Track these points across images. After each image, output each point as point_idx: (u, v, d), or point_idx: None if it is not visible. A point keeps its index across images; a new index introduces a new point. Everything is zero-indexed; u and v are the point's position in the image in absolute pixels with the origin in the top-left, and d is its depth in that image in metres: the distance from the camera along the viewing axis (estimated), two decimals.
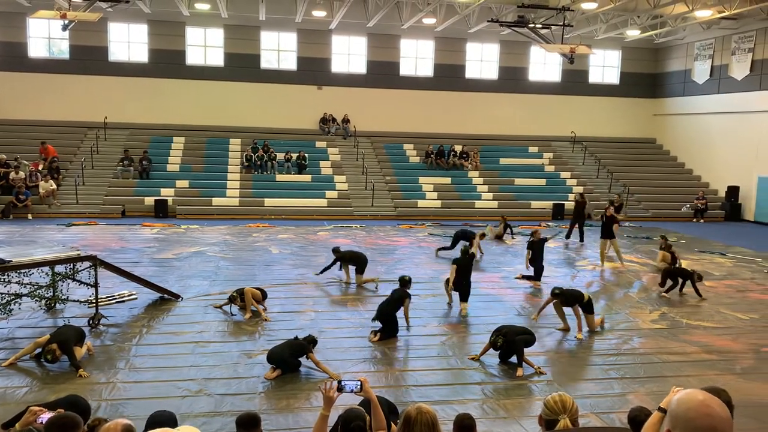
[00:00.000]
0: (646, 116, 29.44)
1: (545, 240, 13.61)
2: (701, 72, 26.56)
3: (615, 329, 10.14)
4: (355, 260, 12.62)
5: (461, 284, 10.82)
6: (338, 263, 12.65)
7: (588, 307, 9.72)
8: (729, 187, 24.57)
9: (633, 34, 25.63)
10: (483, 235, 15.95)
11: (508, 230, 18.71)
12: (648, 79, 29.30)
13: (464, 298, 10.81)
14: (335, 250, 12.81)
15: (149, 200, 21.45)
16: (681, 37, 26.95)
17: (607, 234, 15.03)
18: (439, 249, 15.86)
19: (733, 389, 3.34)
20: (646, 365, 8.57)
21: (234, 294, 10.32)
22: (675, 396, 2.15)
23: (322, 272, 12.63)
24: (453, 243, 15.50)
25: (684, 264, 15.31)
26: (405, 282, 9.96)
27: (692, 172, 27.36)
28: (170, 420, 4.47)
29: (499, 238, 18.39)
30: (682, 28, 25.11)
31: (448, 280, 11.30)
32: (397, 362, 8.47)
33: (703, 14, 21.55)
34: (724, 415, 2.03)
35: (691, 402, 2.06)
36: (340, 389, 3.66)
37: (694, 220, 23.90)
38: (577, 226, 18.44)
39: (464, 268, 10.85)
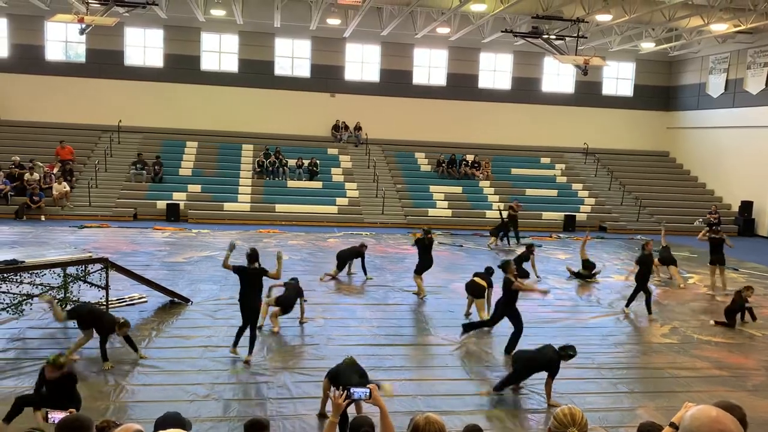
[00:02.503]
0: (660, 129, 29.30)
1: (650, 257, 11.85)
2: (716, 86, 26.42)
3: (625, 343, 10.07)
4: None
5: (429, 262, 12.19)
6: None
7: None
8: (742, 202, 24.38)
9: (647, 46, 25.55)
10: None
11: (503, 233, 18.84)
12: (662, 92, 29.19)
13: (419, 271, 12.18)
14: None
15: (161, 204, 21.55)
16: (696, 51, 26.84)
17: (719, 259, 13.99)
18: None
19: (744, 406, 3.30)
20: (656, 380, 8.50)
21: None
22: (688, 412, 2.12)
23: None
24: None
25: (696, 279, 15.23)
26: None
27: (705, 186, 27.18)
28: (175, 420, 4.47)
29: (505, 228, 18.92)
30: (697, 42, 25.02)
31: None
32: (405, 371, 8.44)
33: (719, 28, 21.45)
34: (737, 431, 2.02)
35: (705, 418, 2.04)
36: (349, 396, 3.66)
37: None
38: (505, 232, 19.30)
39: (425, 247, 12.14)
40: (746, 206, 24.27)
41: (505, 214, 19.66)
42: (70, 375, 6.11)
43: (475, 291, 10.60)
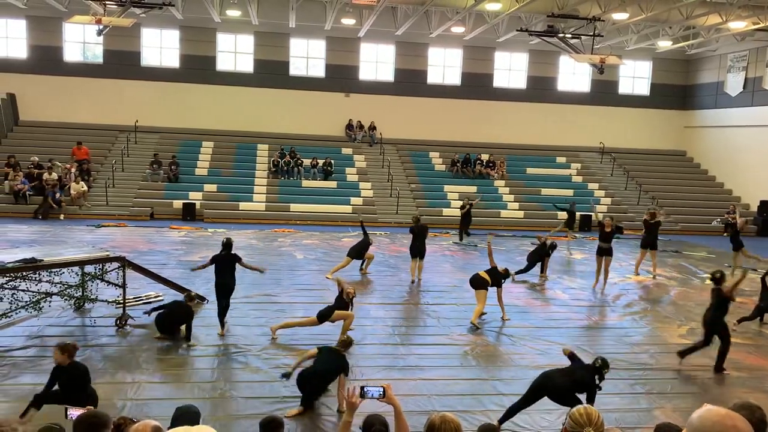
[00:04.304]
0: (677, 128, 29.04)
1: None
2: (734, 84, 26.13)
3: (642, 343, 9.99)
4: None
5: (417, 248, 13.36)
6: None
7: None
8: (761, 202, 24.09)
9: (664, 44, 25.31)
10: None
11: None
12: (679, 91, 28.92)
13: (421, 257, 13.42)
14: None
15: (177, 203, 21.71)
16: (713, 49, 26.56)
17: (651, 244, 15.17)
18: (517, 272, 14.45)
19: (763, 408, 3.25)
20: (673, 381, 8.42)
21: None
22: (695, 412, 2.11)
23: None
24: (530, 264, 14.55)
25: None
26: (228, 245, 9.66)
27: (723, 186, 26.90)
28: (192, 414, 4.49)
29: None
30: (715, 40, 24.74)
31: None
32: (420, 370, 8.44)
33: (737, 26, 21.20)
34: (747, 430, 2.01)
35: (715, 416, 2.04)
36: (363, 395, 3.65)
37: (725, 234, 23.41)
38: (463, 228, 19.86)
39: (419, 235, 13.28)
40: (765, 206, 23.97)
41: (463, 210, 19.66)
42: (78, 366, 6.22)
43: (476, 283, 10.61)
